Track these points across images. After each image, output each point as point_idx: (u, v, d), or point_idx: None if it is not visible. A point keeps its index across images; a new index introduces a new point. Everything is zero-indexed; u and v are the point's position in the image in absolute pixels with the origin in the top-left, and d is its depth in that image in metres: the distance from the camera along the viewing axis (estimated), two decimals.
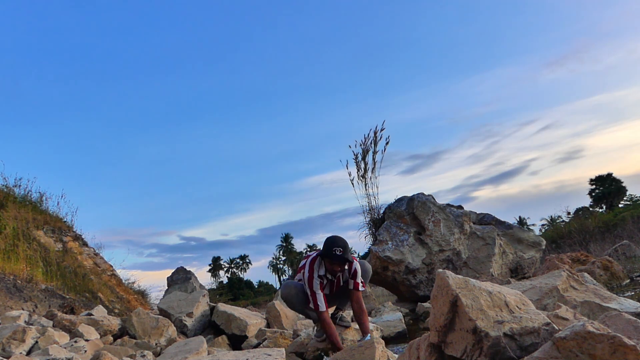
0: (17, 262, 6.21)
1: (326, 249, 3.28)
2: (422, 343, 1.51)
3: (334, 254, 3.21)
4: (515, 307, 1.29)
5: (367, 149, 7.26)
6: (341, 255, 3.22)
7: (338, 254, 3.21)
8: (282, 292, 3.69)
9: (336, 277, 3.43)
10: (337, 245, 3.24)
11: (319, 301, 3.30)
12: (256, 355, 1.64)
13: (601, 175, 34.23)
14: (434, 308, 1.42)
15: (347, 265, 3.38)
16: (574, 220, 19.09)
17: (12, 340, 3.23)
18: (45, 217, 8.90)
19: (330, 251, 3.23)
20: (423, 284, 6.20)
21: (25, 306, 5.22)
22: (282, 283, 59.41)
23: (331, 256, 3.23)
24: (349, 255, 3.27)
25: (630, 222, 13.48)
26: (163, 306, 5.36)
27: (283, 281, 66.24)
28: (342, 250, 3.23)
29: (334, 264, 3.27)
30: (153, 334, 4.21)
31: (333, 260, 3.24)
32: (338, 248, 3.23)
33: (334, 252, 3.21)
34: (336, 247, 3.23)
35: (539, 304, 2.65)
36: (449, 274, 1.38)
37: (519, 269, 6.53)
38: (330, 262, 3.28)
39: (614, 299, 2.83)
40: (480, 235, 6.43)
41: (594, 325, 1.01)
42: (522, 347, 1.18)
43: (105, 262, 9.45)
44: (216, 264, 69.50)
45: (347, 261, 3.27)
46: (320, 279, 3.37)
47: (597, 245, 10.95)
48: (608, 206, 30.32)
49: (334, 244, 3.26)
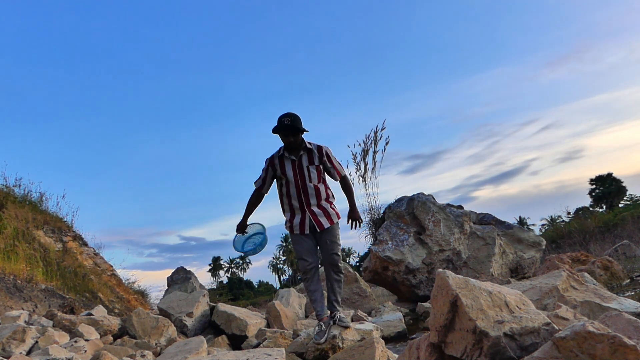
0: (17, 262, 6.20)
1: (277, 122, 3.28)
2: (422, 343, 1.51)
3: (282, 124, 3.21)
4: (515, 307, 1.29)
5: (367, 148, 7.27)
6: (289, 124, 3.22)
7: (286, 123, 3.21)
8: None
9: (298, 157, 3.37)
10: (286, 116, 3.25)
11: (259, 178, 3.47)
12: (256, 355, 1.64)
13: (601, 175, 34.25)
14: (434, 308, 1.42)
15: (309, 145, 3.38)
16: (574, 220, 19.08)
17: (12, 340, 3.23)
18: (45, 217, 8.89)
19: (279, 122, 3.24)
20: (423, 284, 6.20)
21: (25, 306, 5.22)
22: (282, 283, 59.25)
23: (279, 126, 3.24)
24: (299, 124, 3.26)
25: (630, 222, 13.49)
26: (163, 306, 5.36)
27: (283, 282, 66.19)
28: (291, 120, 3.22)
29: (286, 135, 3.26)
30: (153, 334, 4.21)
31: (282, 129, 3.24)
32: (286, 118, 3.23)
33: (283, 122, 3.22)
34: (285, 117, 3.24)
35: (539, 304, 2.65)
36: (449, 274, 1.38)
37: (519, 269, 6.53)
38: (282, 134, 3.28)
39: (614, 299, 2.83)
40: (480, 235, 6.43)
41: (594, 325, 1.01)
42: (522, 347, 1.18)
43: (105, 262, 9.45)
44: (216, 264, 69.50)
45: (297, 130, 3.25)
46: (277, 160, 3.37)
47: (597, 245, 10.95)
48: (608, 206, 30.31)
49: (283, 115, 3.26)
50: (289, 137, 3.28)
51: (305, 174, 3.38)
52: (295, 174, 3.37)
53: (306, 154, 3.39)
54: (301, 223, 3.40)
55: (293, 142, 3.29)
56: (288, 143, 3.31)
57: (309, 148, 3.39)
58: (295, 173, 3.37)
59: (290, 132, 3.27)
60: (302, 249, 3.42)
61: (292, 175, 3.37)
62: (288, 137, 3.28)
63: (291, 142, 3.28)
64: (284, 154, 3.37)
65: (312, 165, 3.38)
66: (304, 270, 3.43)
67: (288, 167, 3.38)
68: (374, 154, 7.24)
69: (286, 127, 3.24)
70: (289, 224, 3.46)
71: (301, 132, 3.33)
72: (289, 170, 3.38)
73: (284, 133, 3.28)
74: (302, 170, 3.37)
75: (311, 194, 3.37)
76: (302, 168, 3.38)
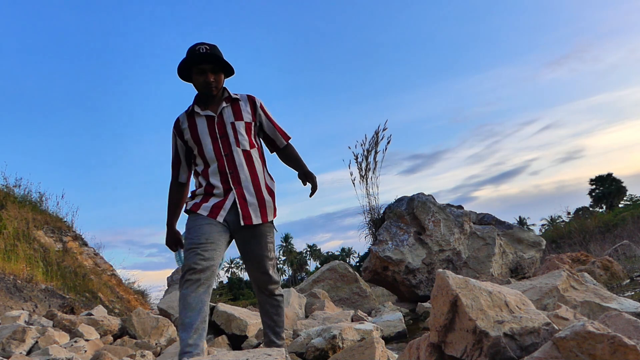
0: (17, 262, 6.21)
1: (188, 53, 2.22)
2: (422, 343, 1.50)
3: (198, 52, 2.18)
4: (515, 307, 1.29)
5: (369, 149, 7.27)
6: (209, 52, 2.17)
7: (203, 51, 2.17)
8: None
9: (218, 113, 2.26)
10: (202, 44, 2.22)
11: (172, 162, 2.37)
12: (256, 355, 1.63)
13: (601, 175, 34.26)
14: (434, 308, 1.41)
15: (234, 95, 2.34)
16: (574, 220, 19.09)
17: (12, 340, 3.23)
18: (45, 217, 8.90)
19: (192, 52, 2.20)
20: (423, 284, 6.20)
21: (25, 306, 5.22)
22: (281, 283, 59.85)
23: (192, 57, 2.18)
24: (220, 53, 2.24)
25: (630, 222, 13.48)
26: (163, 306, 5.36)
27: (283, 282, 65.99)
28: (210, 48, 2.20)
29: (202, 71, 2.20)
30: (153, 334, 4.22)
31: (196, 61, 2.18)
32: (203, 46, 2.20)
33: (198, 50, 2.18)
34: (200, 45, 2.21)
35: (539, 304, 2.65)
36: (449, 274, 1.38)
37: (519, 269, 6.53)
38: (196, 71, 2.21)
39: (614, 299, 2.83)
40: (480, 235, 6.44)
41: (594, 325, 1.01)
42: (522, 347, 1.18)
43: (105, 262, 9.46)
44: None
45: (222, 62, 2.20)
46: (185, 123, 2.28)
47: (597, 245, 10.94)
48: (608, 206, 30.32)
49: (196, 44, 2.23)
50: (208, 75, 2.20)
51: (231, 135, 2.23)
52: (214, 136, 2.23)
53: (230, 106, 2.29)
54: (216, 205, 2.21)
55: (213, 85, 2.21)
56: (205, 87, 2.22)
57: (235, 98, 2.32)
58: (214, 135, 2.23)
59: (208, 66, 2.20)
60: (200, 235, 2.14)
61: (210, 139, 2.23)
62: (206, 76, 2.20)
63: (210, 84, 2.20)
64: (194, 109, 2.27)
65: (240, 121, 2.27)
66: (190, 267, 2.09)
67: (202, 127, 2.24)
68: (375, 154, 7.24)
69: (204, 57, 2.17)
70: (194, 202, 2.26)
71: (227, 70, 2.26)
72: (203, 132, 2.24)
73: (201, 69, 2.20)
74: (225, 130, 2.24)
75: (240, 165, 2.23)
76: (225, 126, 2.25)
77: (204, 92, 2.26)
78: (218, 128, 2.25)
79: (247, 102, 2.35)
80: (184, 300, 2.09)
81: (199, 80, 2.23)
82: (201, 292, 2.09)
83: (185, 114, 2.32)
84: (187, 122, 2.29)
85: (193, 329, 2.06)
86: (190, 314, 2.07)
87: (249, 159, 2.27)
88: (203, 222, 2.19)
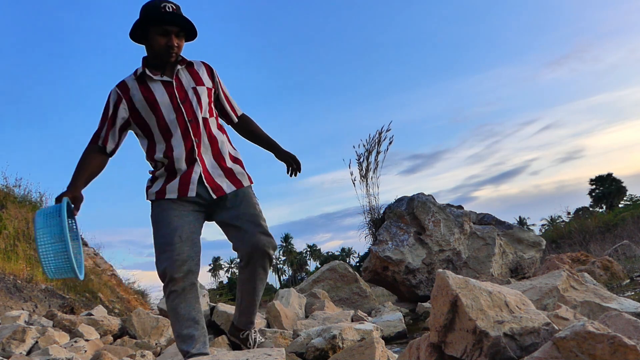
0: (17, 262, 6.21)
1: (149, 10, 1.89)
2: (422, 343, 1.50)
3: (164, 11, 1.87)
4: (515, 307, 1.29)
5: (370, 149, 7.27)
6: (176, 12, 1.90)
7: (170, 10, 1.88)
8: None
9: (174, 77, 1.97)
10: (166, 1, 1.91)
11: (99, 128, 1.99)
12: (256, 355, 1.63)
13: (601, 175, 34.24)
14: (434, 308, 1.42)
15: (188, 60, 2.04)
16: (574, 220, 19.10)
17: (12, 340, 3.23)
18: None
19: (156, 8, 1.88)
20: (423, 284, 6.20)
21: (25, 306, 5.22)
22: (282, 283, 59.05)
23: (157, 15, 1.86)
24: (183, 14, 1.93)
25: (630, 222, 13.49)
26: (163, 306, 5.36)
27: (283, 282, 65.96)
28: (175, 7, 1.92)
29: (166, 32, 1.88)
30: (153, 334, 4.22)
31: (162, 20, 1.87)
32: (168, 4, 1.90)
33: (164, 8, 1.87)
34: (164, 1, 1.90)
35: (539, 304, 2.65)
36: (449, 274, 1.38)
37: (519, 269, 6.53)
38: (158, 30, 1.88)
39: (614, 299, 2.83)
40: (480, 235, 6.44)
41: (594, 325, 1.01)
42: (522, 347, 1.18)
43: (105, 262, 9.46)
44: (216, 264, 69.55)
45: (188, 22, 1.91)
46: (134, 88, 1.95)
47: (597, 245, 10.95)
48: (608, 206, 30.31)
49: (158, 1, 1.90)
50: (172, 38, 1.90)
51: (194, 100, 1.97)
52: (175, 101, 1.95)
53: (186, 70, 2.02)
54: (183, 181, 1.95)
55: (176, 50, 1.92)
56: (166, 51, 1.90)
57: (190, 62, 2.05)
58: (175, 101, 1.95)
59: (174, 28, 1.90)
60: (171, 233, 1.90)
61: (170, 105, 1.94)
62: (169, 39, 1.89)
63: (172, 49, 1.90)
64: (146, 73, 1.94)
65: (202, 86, 2.02)
66: (171, 277, 1.87)
67: (160, 94, 1.94)
68: (377, 155, 7.24)
69: (172, 17, 1.88)
70: (157, 188, 1.99)
71: (194, 34, 1.98)
72: (162, 98, 1.93)
73: (165, 29, 1.88)
74: (187, 95, 1.97)
75: (203, 134, 1.99)
76: (186, 92, 1.98)
77: (162, 57, 1.93)
78: (178, 93, 1.96)
79: (202, 68, 2.08)
80: (175, 313, 1.94)
81: (159, 43, 1.90)
82: (190, 298, 1.92)
83: (135, 79, 1.97)
84: (137, 87, 1.95)
85: (195, 340, 1.92)
86: (186, 324, 1.92)
87: (212, 127, 2.04)
88: (172, 214, 1.94)
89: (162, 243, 1.92)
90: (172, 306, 1.93)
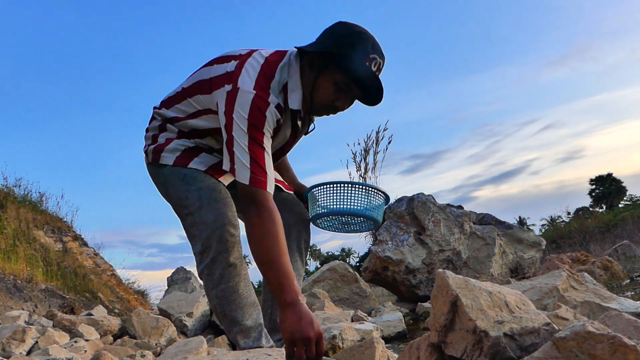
0: (17, 262, 6.21)
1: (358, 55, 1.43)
2: (422, 343, 1.50)
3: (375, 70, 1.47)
4: (515, 307, 1.29)
5: (368, 148, 7.25)
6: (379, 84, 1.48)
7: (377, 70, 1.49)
8: None
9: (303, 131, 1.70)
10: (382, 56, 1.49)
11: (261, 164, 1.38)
12: (256, 355, 1.63)
13: (601, 175, 34.25)
14: (434, 308, 1.41)
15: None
16: (574, 220, 19.11)
17: (12, 340, 3.23)
18: (45, 217, 8.90)
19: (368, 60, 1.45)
20: (423, 284, 6.20)
21: (25, 306, 5.22)
22: None
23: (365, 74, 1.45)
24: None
25: (630, 222, 13.49)
26: (163, 306, 5.36)
27: None
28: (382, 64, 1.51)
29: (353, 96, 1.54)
30: (153, 334, 4.22)
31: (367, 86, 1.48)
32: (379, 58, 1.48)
33: (375, 65, 1.47)
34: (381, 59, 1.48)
35: (539, 304, 2.65)
36: (449, 274, 1.38)
37: (519, 269, 6.53)
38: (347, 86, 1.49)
39: (614, 299, 2.83)
40: (480, 235, 6.44)
41: (594, 325, 1.01)
42: (522, 347, 1.18)
43: (105, 262, 9.46)
44: None
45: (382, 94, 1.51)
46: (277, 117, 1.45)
47: (597, 245, 10.95)
48: (608, 206, 30.32)
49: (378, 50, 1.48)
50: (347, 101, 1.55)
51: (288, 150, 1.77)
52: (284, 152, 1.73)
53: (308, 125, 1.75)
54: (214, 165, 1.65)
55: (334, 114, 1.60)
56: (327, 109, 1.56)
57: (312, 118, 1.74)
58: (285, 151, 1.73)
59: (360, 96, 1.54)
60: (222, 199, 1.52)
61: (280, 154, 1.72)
62: (347, 103, 1.55)
63: (336, 111, 1.58)
64: (288, 108, 1.52)
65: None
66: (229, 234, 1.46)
67: (282, 138, 1.63)
68: (375, 154, 7.22)
69: (379, 86, 1.48)
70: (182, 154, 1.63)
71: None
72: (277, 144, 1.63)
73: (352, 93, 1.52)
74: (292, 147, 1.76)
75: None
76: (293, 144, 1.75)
77: (315, 109, 1.57)
78: (290, 145, 1.68)
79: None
80: (235, 295, 1.49)
81: (328, 95, 1.50)
82: (246, 274, 1.54)
83: (276, 107, 1.45)
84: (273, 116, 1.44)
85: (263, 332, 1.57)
86: (248, 312, 1.53)
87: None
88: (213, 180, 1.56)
89: (205, 195, 1.50)
90: (231, 286, 1.49)
